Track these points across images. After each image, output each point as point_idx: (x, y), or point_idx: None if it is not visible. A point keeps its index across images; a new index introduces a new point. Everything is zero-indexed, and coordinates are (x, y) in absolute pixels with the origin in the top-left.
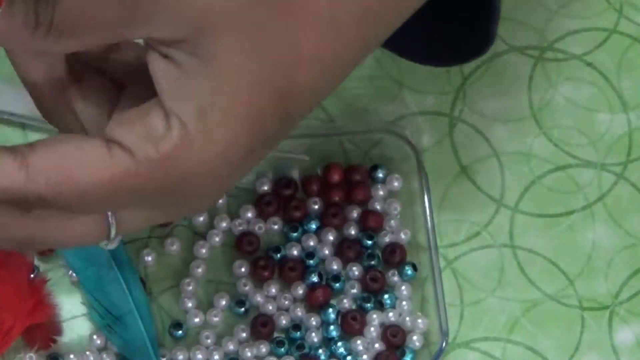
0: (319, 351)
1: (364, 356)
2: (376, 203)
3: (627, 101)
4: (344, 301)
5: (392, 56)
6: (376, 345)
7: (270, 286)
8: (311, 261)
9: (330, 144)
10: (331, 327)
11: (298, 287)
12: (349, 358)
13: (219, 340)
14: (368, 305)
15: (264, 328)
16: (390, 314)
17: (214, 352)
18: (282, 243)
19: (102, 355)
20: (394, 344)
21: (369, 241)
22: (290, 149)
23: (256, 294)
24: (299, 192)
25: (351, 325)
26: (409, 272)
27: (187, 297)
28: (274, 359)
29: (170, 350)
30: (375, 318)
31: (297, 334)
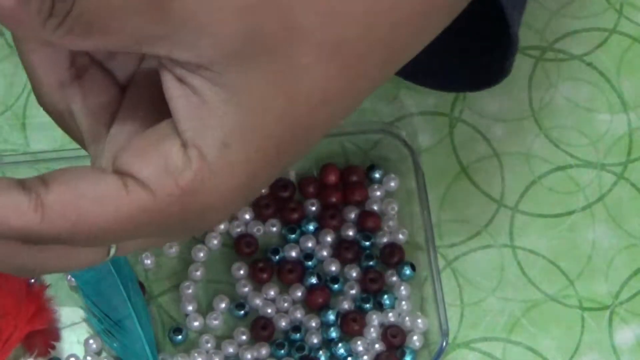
0: (319, 353)
1: (364, 357)
2: (373, 203)
3: (627, 101)
4: (343, 302)
5: None
6: (376, 346)
7: (270, 288)
8: (310, 263)
9: (329, 144)
10: (331, 329)
11: (297, 289)
12: (349, 359)
13: (218, 343)
14: (367, 305)
15: (263, 330)
16: (389, 314)
17: (214, 356)
18: (280, 245)
19: None
20: (394, 344)
21: (367, 242)
22: None
23: (255, 297)
24: (296, 193)
25: (351, 326)
26: (407, 272)
27: (187, 300)
28: None
29: (172, 356)
30: (374, 318)
31: (297, 336)
